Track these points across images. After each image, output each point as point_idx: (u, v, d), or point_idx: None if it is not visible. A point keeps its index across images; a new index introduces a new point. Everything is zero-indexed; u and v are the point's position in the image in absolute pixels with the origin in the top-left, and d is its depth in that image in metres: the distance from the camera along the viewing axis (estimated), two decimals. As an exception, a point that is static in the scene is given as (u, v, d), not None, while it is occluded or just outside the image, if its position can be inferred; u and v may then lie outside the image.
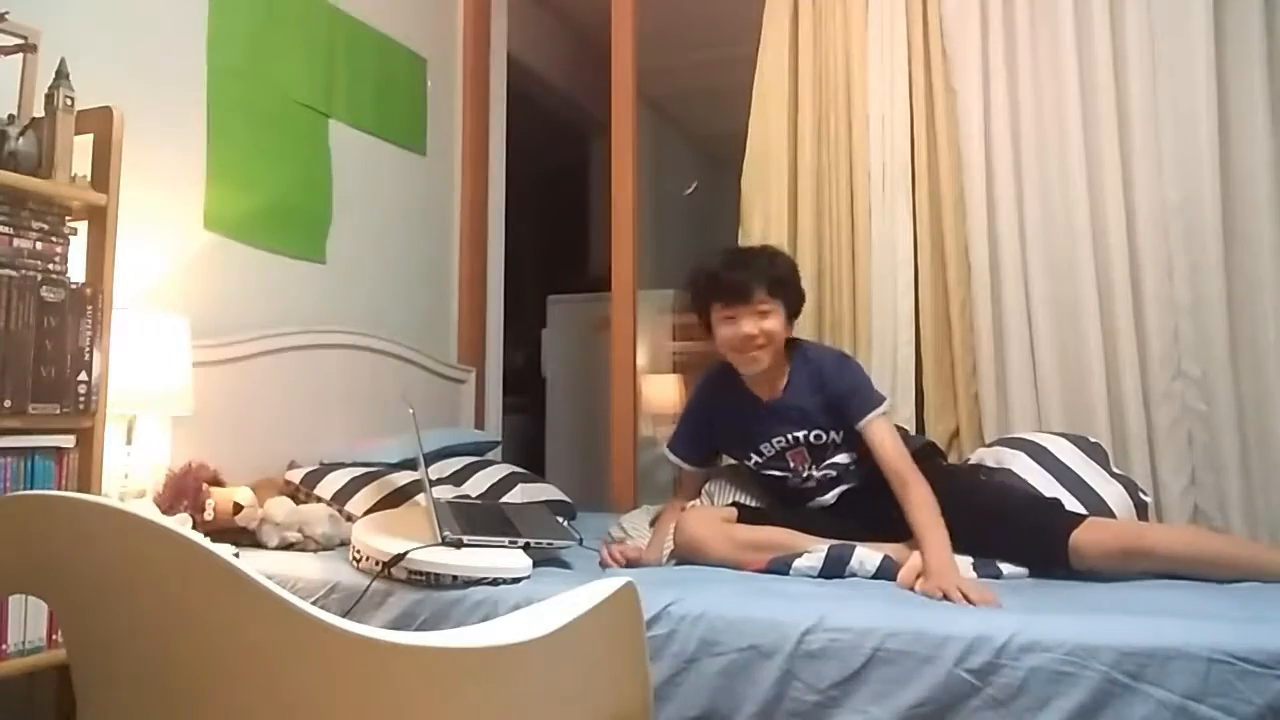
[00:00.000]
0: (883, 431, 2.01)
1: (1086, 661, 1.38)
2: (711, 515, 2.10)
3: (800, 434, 2.09)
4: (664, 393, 4.53)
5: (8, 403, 1.63)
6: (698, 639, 1.56)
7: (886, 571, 1.84)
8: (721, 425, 2.21)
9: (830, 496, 2.15)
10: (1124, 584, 1.78)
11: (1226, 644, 1.35)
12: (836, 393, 2.06)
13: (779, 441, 2.11)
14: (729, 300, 2.05)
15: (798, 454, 2.12)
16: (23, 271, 1.67)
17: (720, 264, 2.10)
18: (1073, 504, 2.05)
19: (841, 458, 2.12)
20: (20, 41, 1.76)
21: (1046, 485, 2.11)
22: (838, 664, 1.48)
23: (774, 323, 2.05)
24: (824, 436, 2.10)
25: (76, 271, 1.79)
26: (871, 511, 2.01)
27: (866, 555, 1.87)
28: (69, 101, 1.75)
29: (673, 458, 2.30)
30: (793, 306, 2.11)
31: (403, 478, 2.39)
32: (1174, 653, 1.35)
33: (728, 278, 2.06)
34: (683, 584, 1.72)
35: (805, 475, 2.13)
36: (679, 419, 2.33)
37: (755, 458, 2.15)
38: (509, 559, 1.84)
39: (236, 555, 1.91)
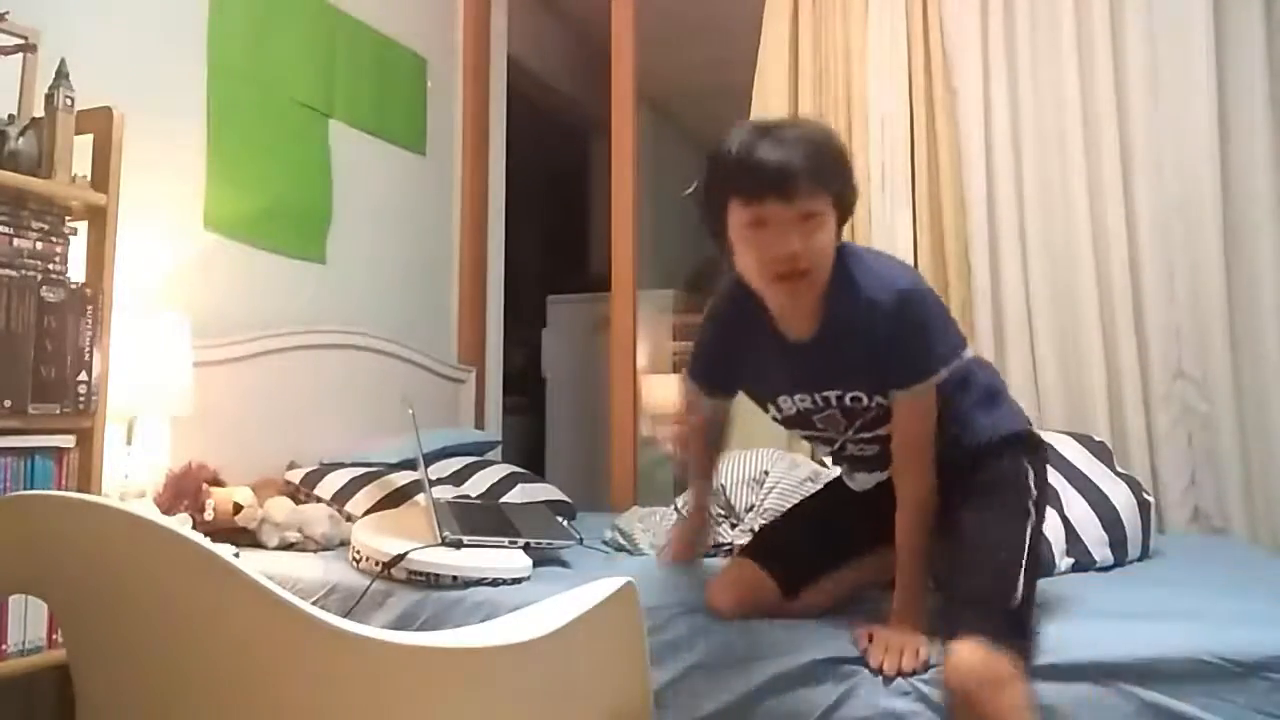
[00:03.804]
0: (919, 409, 1.51)
1: (1075, 662, 1.38)
2: (737, 594, 1.63)
3: (833, 394, 1.55)
4: (664, 393, 4.53)
5: (8, 403, 1.63)
6: (700, 642, 1.56)
7: None
8: (740, 360, 1.66)
9: (867, 480, 1.71)
10: (1116, 582, 1.78)
11: (1212, 645, 1.35)
12: (890, 343, 1.46)
13: (802, 400, 1.58)
14: (758, 194, 1.39)
15: (829, 418, 1.59)
16: (23, 271, 1.67)
17: (747, 139, 1.41)
18: (1080, 505, 2.03)
19: (887, 430, 1.58)
20: (20, 41, 1.76)
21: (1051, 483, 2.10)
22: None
23: (824, 237, 1.42)
24: (865, 401, 1.54)
25: (76, 271, 1.79)
26: None
27: None
28: (69, 101, 1.75)
29: (692, 386, 1.78)
30: (845, 209, 1.48)
31: (403, 478, 2.39)
32: (1161, 653, 1.35)
33: (757, 157, 1.38)
34: (689, 589, 1.72)
35: (839, 443, 1.66)
36: (695, 342, 1.77)
37: (773, 412, 1.67)
38: (509, 559, 1.84)
39: (236, 555, 1.91)
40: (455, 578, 1.77)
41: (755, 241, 1.43)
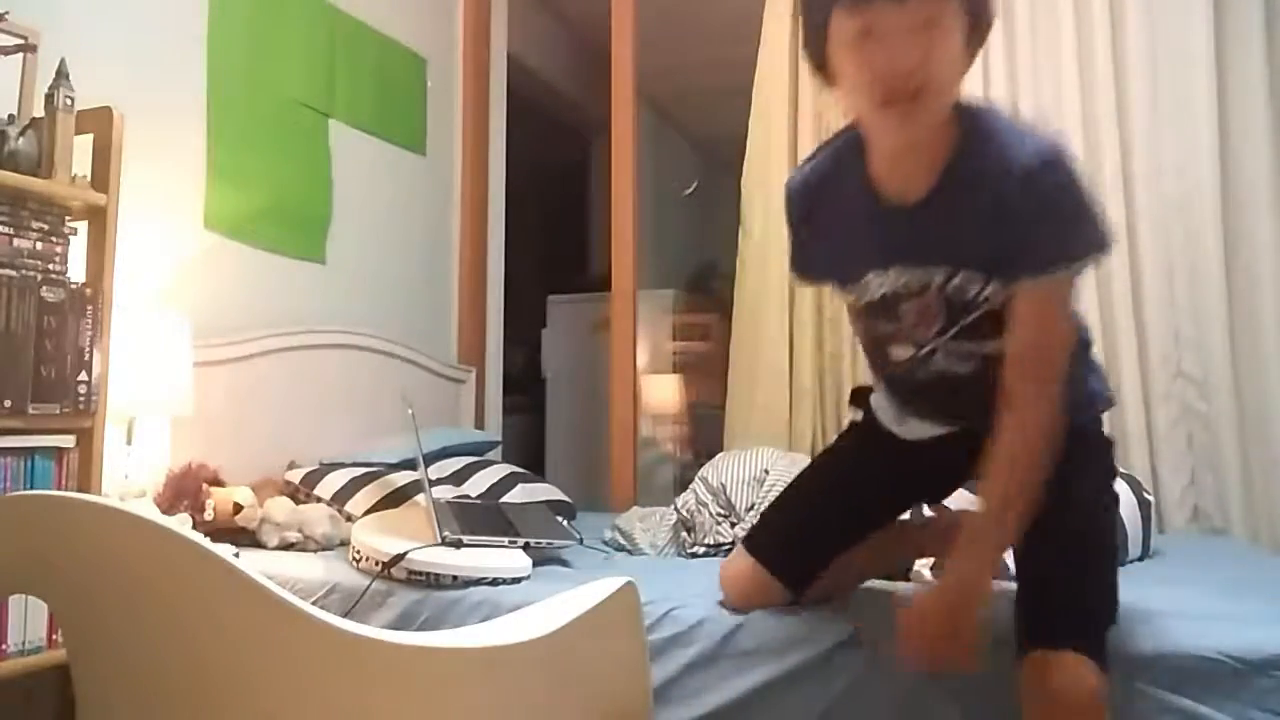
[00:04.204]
0: (1052, 308, 1.23)
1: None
2: (744, 597, 1.56)
3: (937, 272, 1.26)
4: (664, 393, 4.53)
5: (8, 403, 1.63)
6: (700, 642, 1.56)
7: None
8: (821, 226, 1.38)
9: (922, 429, 1.44)
10: (1121, 583, 1.77)
11: (1218, 643, 1.35)
12: (1025, 213, 1.18)
13: (898, 276, 1.29)
14: None
15: (922, 309, 1.30)
16: (23, 271, 1.67)
17: None
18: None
19: (991, 347, 1.28)
20: (20, 41, 1.76)
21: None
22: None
23: (946, 51, 1.18)
24: (976, 289, 1.25)
25: (76, 271, 1.79)
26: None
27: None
28: (69, 101, 1.75)
29: (793, 276, 1.55)
30: (979, 24, 1.22)
31: (403, 478, 2.39)
32: (1166, 650, 1.36)
33: None
34: (687, 587, 1.72)
35: (921, 350, 1.33)
36: (787, 226, 1.48)
37: (855, 295, 1.36)
38: (509, 559, 1.84)
39: (236, 555, 1.91)
40: (455, 577, 1.77)
41: (862, 56, 1.17)
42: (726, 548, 2.11)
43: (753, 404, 3.02)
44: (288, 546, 2.11)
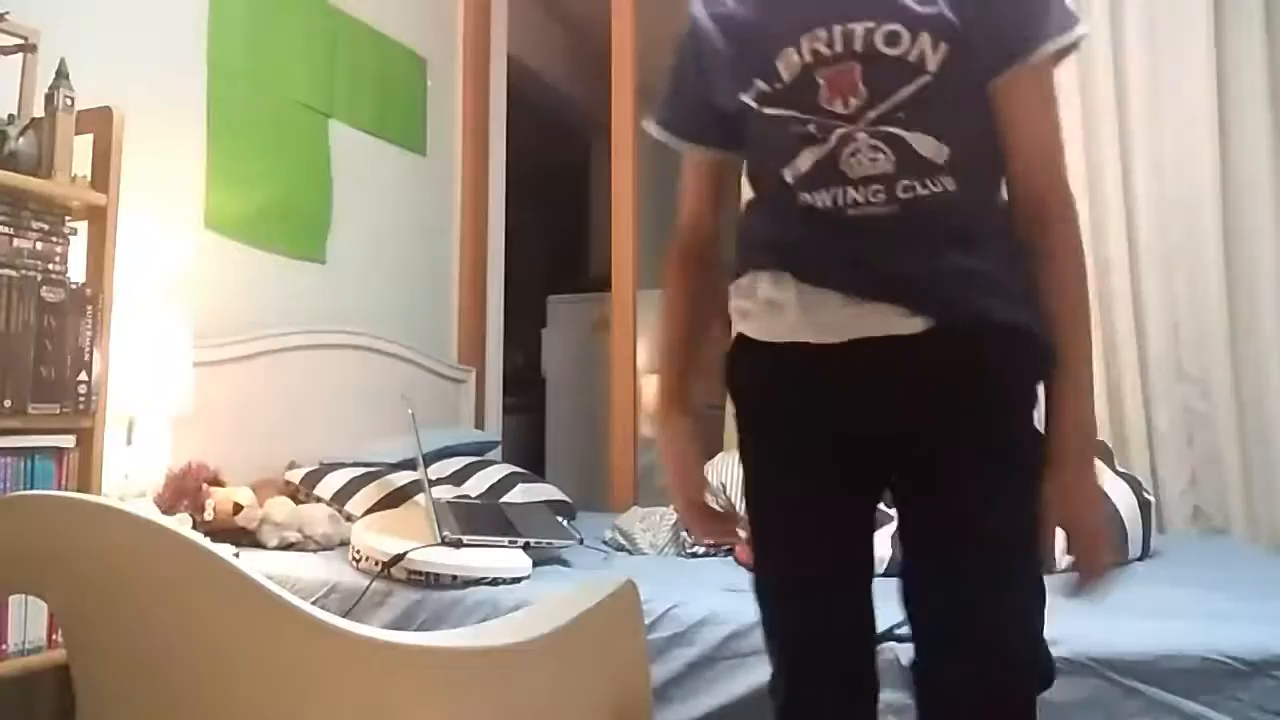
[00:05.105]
0: (1044, 93, 1.05)
1: (1082, 660, 1.38)
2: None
3: (859, 27, 1.00)
4: (664, 393, 4.52)
5: (8, 403, 1.63)
6: (700, 642, 1.56)
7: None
8: (723, 41, 1.12)
9: (831, 312, 1.03)
10: (1121, 583, 1.78)
11: (1218, 644, 1.35)
12: None
13: (811, 43, 1.01)
14: None
15: (840, 77, 1.01)
16: (23, 271, 1.67)
17: None
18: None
19: (922, 143, 1.00)
20: (20, 41, 1.76)
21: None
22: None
23: None
24: (906, 40, 0.99)
25: (76, 271, 1.79)
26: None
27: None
28: (69, 101, 1.75)
29: (654, 130, 1.29)
30: None
31: (402, 478, 2.39)
32: (1168, 651, 1.36)
33: None
34: (686, 586, 1.72)
35: (840, 133, 1.01)
36: (669, 68, 1.26)
37: (761, 85, 1.05)
38: (509, 559, 1.84)
39: (236, 555, 1.91)
40: (455, 577, 1.77)
41: None
42: (726, 548, 2.10)
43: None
44: (288, 546, 2.11)
